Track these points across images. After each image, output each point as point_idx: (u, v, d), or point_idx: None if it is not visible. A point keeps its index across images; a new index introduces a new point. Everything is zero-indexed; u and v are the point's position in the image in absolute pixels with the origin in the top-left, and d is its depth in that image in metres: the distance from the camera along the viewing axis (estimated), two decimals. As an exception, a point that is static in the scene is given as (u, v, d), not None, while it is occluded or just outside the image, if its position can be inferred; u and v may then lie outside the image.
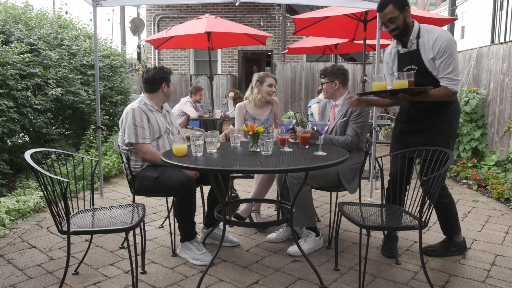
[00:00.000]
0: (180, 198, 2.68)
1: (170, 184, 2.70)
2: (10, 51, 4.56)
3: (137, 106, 2.87)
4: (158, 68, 3.00)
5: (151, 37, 7.58)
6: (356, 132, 3.03)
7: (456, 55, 2.55)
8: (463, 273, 2.61)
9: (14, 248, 2.99)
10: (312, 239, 2.95)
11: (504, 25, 9.29)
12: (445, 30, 2.65)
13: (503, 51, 5.45)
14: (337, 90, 3.16)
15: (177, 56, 12.98)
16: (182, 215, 2.76)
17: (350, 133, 3.05)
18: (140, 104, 2.90)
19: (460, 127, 5.80)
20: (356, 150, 3.08)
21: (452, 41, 2.54)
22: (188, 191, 2.67)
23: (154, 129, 2.90)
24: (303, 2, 7.46)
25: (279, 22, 12.26)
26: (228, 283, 2.48)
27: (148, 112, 2.90)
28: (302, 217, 2.88)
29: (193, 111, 6.52)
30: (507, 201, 4.24)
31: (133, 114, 2.82)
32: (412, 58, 2.64)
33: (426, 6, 26.43)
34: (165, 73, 2.99)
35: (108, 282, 2.48)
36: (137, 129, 2.81)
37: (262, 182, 3.32)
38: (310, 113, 6.61)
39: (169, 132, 3.04)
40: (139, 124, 2.81)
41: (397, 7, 2.55)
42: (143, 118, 2.83)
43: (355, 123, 3.04)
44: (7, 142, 4.91)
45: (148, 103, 2.95)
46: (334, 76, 3.13)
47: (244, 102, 3.58)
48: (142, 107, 2.89)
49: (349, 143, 3.03)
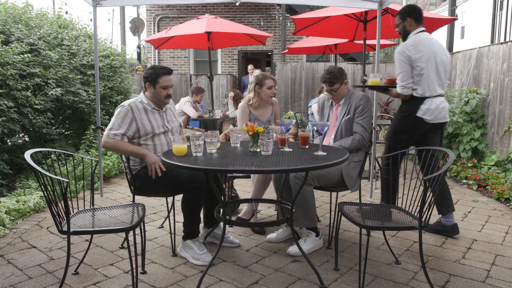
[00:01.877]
0: (192, 192, 2.69)
1: (181, 178, 2.71)
2: (10, 51, 4.56)
3: (128, 104, 2.88)
4: (150, 67, 2.99)
5: (151, 37, 7.58)
6: (364, 127, 3.04)
7: (400, 64, 3.10)
8: (463, 273, 2.61)
9: (14, 248, 2.99)
10: (312, 239, 2.95)
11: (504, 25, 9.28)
12: (402, 44, 3.21)
13: (503, 51, 5.45)
14: (346, 90, 3.19)
15: (177, 56, 12.99)
16: (190, 210, 2.76)
17: (358, 129, 3.05)
18: (135, 102, 2.92)
19: (460, 127, 5.80)
20: (363, 148, 3.09)
21: (398, 53, 3.12)
22: (200, 185, 2.68)
23: (146, 128, 2.89)
24: (303, 2, 7.46)
25: (279, 22, 12.26)
26: (228, 283, 2.48)
27: (142, 112, 2.90)
28: (303, 217, 2.88)
29: (192, 111, 6.51)
30: (507, 201, 4.24)
31: (120, 110, 2.86)
32: None
33: (426, 6, 26.43)
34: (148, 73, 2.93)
35: (108, 282, 2.48)
36: (114, 122, 2.83)
37: (259, 183, 3.32)
38: (310, 113, 6.61)
39: (167, 130, 3.01)
40: (119, 119, 2.83)
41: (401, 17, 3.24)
42: (127, 117, 2.84)
43: (362, 118, 3.05)
44: (7, 142, 4.90)
45: (144, 101, 2.95)
46: (342, 77, 3.15)
47: (247, 103, 3.54)
48: (134, 105, 2.89)
49: (357, 142, 3.03)
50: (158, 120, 2.98)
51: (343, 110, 3.14)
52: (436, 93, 3.13)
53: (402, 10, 3.26)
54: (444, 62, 3.16)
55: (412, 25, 3.20)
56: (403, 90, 3.11)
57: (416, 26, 3.20)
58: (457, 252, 2.95)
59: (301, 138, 2.82)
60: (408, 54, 3.08)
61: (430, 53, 3.09)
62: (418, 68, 3.07)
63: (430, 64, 3.09)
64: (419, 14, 3.21)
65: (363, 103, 3.07)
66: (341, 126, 3.13)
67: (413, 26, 3.20)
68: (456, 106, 6.06)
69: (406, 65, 3.09)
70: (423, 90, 3.10)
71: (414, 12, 3.21)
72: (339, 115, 3.17)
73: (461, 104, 5.97)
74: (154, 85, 2.91)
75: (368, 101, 3.11)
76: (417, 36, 3.16)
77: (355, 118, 3.07)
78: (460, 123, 5.78)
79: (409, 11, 3.22)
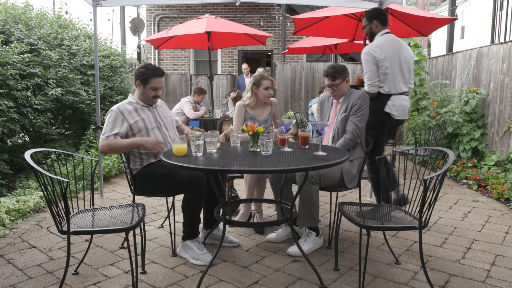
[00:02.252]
0: (192, 192, 2.69)
1: (182, 178, 2.71)
2: (10, 51, 4.56)
3: (116, 108, 2.89)
4: (142, 65, 2.99)
5: (151, 37, 7.57)
6: (356, 126, 3.04)
7: (367, 64, 3.36)
8: (463, 273, 2.61)
9: (14, 248, 2.99)
10: (312, 239, 2.96)
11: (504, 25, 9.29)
12: (368, 45, 3.47)
13: (503, 51, 5.45)
14: (346, 87, 3.19)
15: (177, 56, 12.98)
16: (191, 210, 2.76)
17: (350, 127, 3.06)
18: (123, 104, 2.93)
19: (460, 127, 5.80)
20: (358, 145, 3.09)
21: (365, 54, 3.38)
22: (200, 185, 2.68)
23: (139, 125, 2.89)
24: (303, 2, 7.45)
25: (279, 22, 12.27)
26: (228, 283, 2.48)
27: (132, 111, 2.90)
28: (307, 217, 2.88)
29: (190, 111, 6.47)
30: (507, 201, 4.24)
31: (110, 115, 2.87)
32: None
33: (426, 6, 26.44)
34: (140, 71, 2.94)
35: (108, 282, 2.48)
36: (106, 127, 2.84)
37: (250, 185, 3.32)
38: (310, 113, 6.61)
39: (160, 125, 3.01)
40: (110, 123, 2.84)
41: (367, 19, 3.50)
42: (117, 119, 2.85)
43: (355, 117, 3.06)
44: (7, 142, 4.91)
45: (132, 101, 2.96)
46: (345, 74, 3.16)
47: (244, 102, 3.55)
48: (123, 107, 2.90)
49: (348, 141, 3.03)
50: (150, 116, 2.98)
51: (341, 109, 3.15)
52: (401, 90, 3.42)
53: (368, 12, 3.57)
54: (408, 61, 3.45)
55: (378, 27, 3.50)
56: (370, 88, 3.37)
57: (382, 28, 3.49)
58: (457, 252, 2.95)
59: (301, 138, 2.82)
60: (373, 54, 3.35)
61: (394, 53, 3.37)
62: (383, 68, 3.35)
63: (395, 63, 3.36)
64: (384, 17, 3.51)
65: (359, 102, 3.06)
66: (337, 125, 3.15)
67: (379, 28, 3.49)
68: (456, 106, 6.06)
69: (372, 65, 3.35)
70: (389, 88, 3.38)
71: (380, 15, 3.51)
72: (337, 113, 3.18)
73: (461, 104, 5.97)
74: (144, 85, 2.92)
75: (365, 100, 3.10)
76: (382, 37, 3.44)
77: (350, 116, 3.08)
78: (460, 123, 5.78)
79: (375, 14, 3.51)
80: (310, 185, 2.80)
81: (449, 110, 5.98)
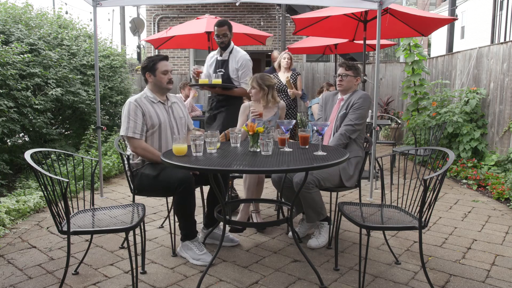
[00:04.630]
0: (180, 195, 2.68)
1: (169, 181, 2.70)
2: (10, 51, 4.56)
3: (134, 100, 2.88)
4: (145, 59, 3.00)
5: (151, 37, 7.57)
6: (352, 122, 3.08)
7: (250, 70, 3.80)
8: (463, 273, 2.61)
9: (14, 248, 2.99)
10: (326, 229, 3.09)
11: (504, 25, 9.29)
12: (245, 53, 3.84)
13: (503, 51, 5.45)
14: (354, 86, 3.24)
15: (177, 56, 12.98)
16: (182, 213, 2.75)
17: (344, 123, 3.11)
18: (140, 97, 2.92)
19: (460, 127, 5.80)
20: (355, 144, 3.11)
21: (249, 60, 3.82)
22: (187, 188, 2.67)
23: (153, 120, 2.89)
24: (303, 2, 7.46)
25: (279, 22, 12.27)
26: (228, 283, 2.48)
27: (148, 105, 2.91)
28: (314, 215, 2.98)
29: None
30: (507, 201, 4.24)
31: (129, 108, 2.85)
32: (223, 64, 3.87)
33: (426, 6, 26.43)
34: (145, 63, 2.96)
35: (108, 282, 2.48)
36: (129, 122, 2.82)
37: (250, 185, 3.31)
38: (310, 113, 6.60)
39: (172, 127, 3.00)
40: (132, 117, 2.83)
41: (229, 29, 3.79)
42: (137, 112, 2.84)
43: (353, 113, 3.10)
44: (7, 142, 4.91)
45: (149, 95, 2.96)
46: (358, 73, 3.21)
47: (250, 102, 3.58)
48: (140, 100, 2.90)
49: (340, 136, 3.08)
50: (164, 114, 2.97)
51: (343, 107, 3.18)
52: None
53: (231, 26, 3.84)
54: None
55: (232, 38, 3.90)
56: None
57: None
58: (457, 252, 2.95)
59: (301, 138, 2.82)
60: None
61: None
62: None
63: None
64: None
65: (360, 101, 3.10)
66: (336, 122, 3.18)
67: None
68: (456, 106, 6.06)
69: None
70: None
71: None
72: (340, 109, 3.21)
73: (461, 104, 5.97)
74: (153, 73, 2.93)
75: (366, 100, 3.12)
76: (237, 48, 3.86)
77: (349, 114, 3.12)
78: (460, 123, 5.78)
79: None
80: (309, 191, 2.85)
81: (449, 110, 5.97)
